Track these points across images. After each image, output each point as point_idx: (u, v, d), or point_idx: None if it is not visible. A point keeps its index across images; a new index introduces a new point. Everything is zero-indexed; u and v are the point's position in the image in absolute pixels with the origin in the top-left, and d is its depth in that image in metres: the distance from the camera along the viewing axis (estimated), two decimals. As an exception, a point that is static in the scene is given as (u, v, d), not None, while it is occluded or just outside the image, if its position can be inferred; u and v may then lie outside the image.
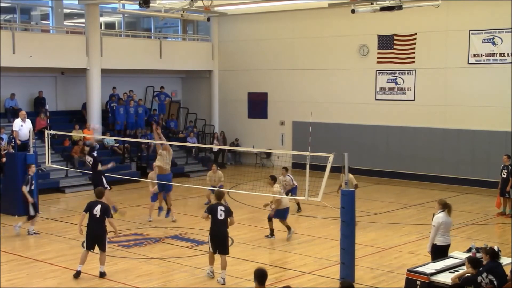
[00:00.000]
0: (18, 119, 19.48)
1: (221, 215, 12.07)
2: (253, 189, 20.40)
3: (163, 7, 20.28)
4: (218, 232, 12.16)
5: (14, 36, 22.86)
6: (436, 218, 11.34)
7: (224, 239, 12.25)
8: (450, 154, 23.62)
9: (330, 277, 12.47)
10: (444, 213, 11.39)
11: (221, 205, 12.26)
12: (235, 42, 29.39)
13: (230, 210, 12.41)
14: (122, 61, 26.17)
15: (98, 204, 12.41)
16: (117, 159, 24.99)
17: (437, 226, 11.26)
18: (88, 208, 12.42)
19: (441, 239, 11.35)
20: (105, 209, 12.43)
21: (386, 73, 25.09)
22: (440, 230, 11.30)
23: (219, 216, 12.07)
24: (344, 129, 25.96)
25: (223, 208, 12.18)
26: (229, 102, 29.70)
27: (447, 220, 11.39)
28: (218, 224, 12.11)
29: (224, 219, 12.12)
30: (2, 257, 13.73)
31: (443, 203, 11.55)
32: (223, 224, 12.15)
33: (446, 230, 11.40)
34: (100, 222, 12.41)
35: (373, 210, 18.75)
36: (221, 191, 12.65)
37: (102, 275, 12.38)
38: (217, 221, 12.09)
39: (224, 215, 12.10)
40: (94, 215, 12.36)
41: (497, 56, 22.53)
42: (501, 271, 9.50)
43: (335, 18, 25.97)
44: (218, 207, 12.17)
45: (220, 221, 12.10)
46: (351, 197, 12.05)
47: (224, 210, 12.14)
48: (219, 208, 12.13)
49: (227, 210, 12.27)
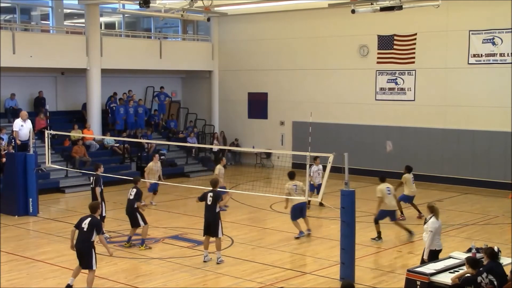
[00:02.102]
0: (18, 119, 19.49)
1: (209, 200, 12.91)
2: (253, 189, 20.42)
3: (163, 7, 20.27)
4: (208, 216, 13.02)
5: (14, 36, 22.87)
6: (432, 223, 11.22)
7: (213, 222, 12.97)
8: (450, 154, 23.62)
9: (330, 277, 12.47)
10: (434, 217, 11.30)
11: (212, 191, 13.05)
12: (235, 42, 29.38)
13: (219, 194, 13.08)
14: (122, 61, 26.17)
15: (87, 218, 11.25)
16: (117, 159, 25.05)
17: (435, 231, 11.15)
18: (78, 223, 11.29)
19: (438, 244, 11.27)
20: (95, 224, 11.17)
21: (386, 73, 25.09)
22: (436, 235, 11.20)
23: (208, 202, 12.94)
24: (344, 129, 25.96)
25: (212, 194, 12.97)
26: (229, 102, 29.70)
27: (440, 224, 11.35)
28: (207, 209, 13.00)
29: (212, 204, 12.90)
30: (2, 257, 13.73)
31: (431, 207, 11.44)
32: (212, 208, 12.95)
33: (439, 234, 11.33)
34: (86, 238, 11.10)
35: (373, 210, 18.69)
36: (216, 179, 13.56)
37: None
38: (206, 206, 13.00)
39: (212, 200, 12.88)
40: (82, 228, 11.14)
41: (497, 56, 22.53)
42: (501, 271, 9.50)
43: (335, 18, 25.97)
44: (208, 193, 13.05)
45: (208, 206, 12.98)
46: (351, 197, 12.05)
47: (212, 196, 12.93)
48: (209, 194, 12.99)
49: (216, 195, 12.98)
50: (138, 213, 14.55)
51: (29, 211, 18.10)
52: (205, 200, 13.08)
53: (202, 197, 13.23)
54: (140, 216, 14.57)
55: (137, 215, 14.54)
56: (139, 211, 14.60)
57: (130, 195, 14.62)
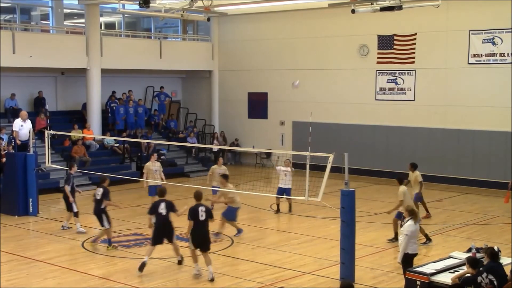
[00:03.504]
0: (18, 119, 19.48)
1: (202, 215, 12.19)
2: (253, 189, 20.40)
3: (163, 7, 20.28)
4: (201, 232, 12.28)
5: (14, 36, 22.87)
6: (408, 227, 11.04)
7: (206, 238, 12.42)
8: (450, 154, 23.62)
9: (330, 277, 12.47)
10: (412, 220, 11.12)
11: (202, 206, 12.36)
12: (235, 42, 29.38)
13: (210, 211, 12.51)
14: (122, 61, 26.17)
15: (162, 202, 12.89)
16: (117, 159, 25.05)
17: (410, 234, 10.98)
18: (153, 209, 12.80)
19: (413, 248, 11.09)
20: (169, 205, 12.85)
21: (386, 73, 25.09)
22: (412, 239, 11.03)
23: (201, 217, 12.19)
24: (344, 129, 25.96)
25: (204, 209, 12.29)
26: (229, 102, 29.69)
27: (417, 228, 11.21)
28: (201, 225, 12.23)
29: (205, 219, 12.25)
30: (2, 257, 13.73)
31: (411, 210, 11.28)
32: (204, 224, 12.29)
33: (416, 238, 11.17)
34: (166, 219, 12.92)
35: (373, 210, 18.75)
36: (199, 192, 12.72)
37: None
38: (199, 222, 12.20)
39: (205, 216, 12.23)
40: (160, 213, 12.82)
41: (497, 56, 22.53)
42: (501, 271, 9.50)
43: (335, 18, 25.97)
44: (199, 208, 12.28)
45: (201, 222, 12.23)
46: (351, 197, 12.05)
47: (205, 211, 12.27)
48: (200, 209, 12.25)
49: (208, 211, 12.38)
50: (104, 214, 14.48)
51: (29, 211, 18.10)
52: (196, 215, 12.18)
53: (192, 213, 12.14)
54: (106, 217, 14.48)
55: (103, 216, 14.46)
56: (106, 212, 14.51)
57: (97, 195, 14.56)
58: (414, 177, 17.20)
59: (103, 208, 14.52)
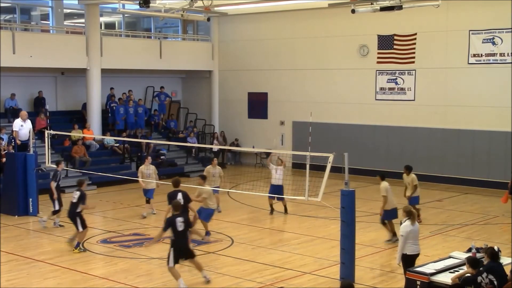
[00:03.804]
0: (18, 119, 19.49)
1: (180, 226, 11.68)
2: (253, 189, 20.41)
3: (163, 7, 20.27)
4: (180, 243, 11.77)
5: (14, 36, 22.86)
6: (403, 227, 10.93)
7: (187, 248, 11.91)
8: (450, 154, 23.62)
9: (330, 277, 12.47)
10: (409, 221, 11.00)
11: (180, 216, 11.84)
12: (235, 42, 29.39)
13: (189, 221, 12.18)
14: (122, 61, 26.16)
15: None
16: (117, 159, 25.04)
17: (406, 235, 10.87)
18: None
19: (412, 248, 10.95)
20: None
21: (386, 73, 25.09)
22: (409, 240, 10.93)
23: (179, 228, 11.66)
24: (344, 129, 25.96)
25: (182, 219, 11.78)
26: (229, 102, 29.69)
27: (414, 228, 10.99)
28: (179, 236, 11.72)
29: (184, 230, 11.76)
30: (2, 257, 13.73)
31: (408, 211, 11.12)
32: (183, 235, 11.78)
33: (415, 239, 11.02)
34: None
35: (373, 210, 18.72)
36: (178, 202, 12.40)
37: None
38: (177, 233, 11.69)
39: (183, 226, 11.73)
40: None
41: (497, 56, 22.53)
42: (501, 271, 9.50)
43: (335, 18, 25.97)
44: (176, 218, 11.75)
45: (180, 233, 11.71)
46: (351, 197, 12.05)
47: (183, 221, 11.78)
48: (178, 220, 11.73)
49: (187, 222, 11.96)
50: (79, 217, 14.36)
51: (29, 211, 18.10)
52: (174, 226, 11.65)
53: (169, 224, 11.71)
54: (80, 221, 14.35)
55: (77, 219, 14.34)
56: (81, 215, 14.40)
57: (74, 198, 14.48)
58: (410, 180, 16.92)
59: (78, 212, 14.39)
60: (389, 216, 15.19)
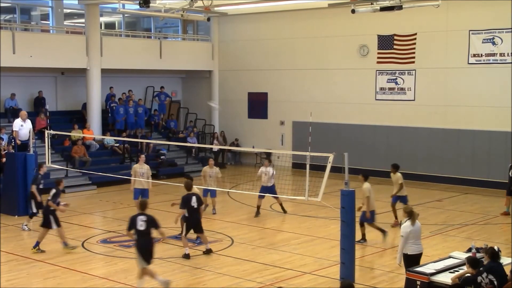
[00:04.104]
0: (18, 119, 19.49)
1: (141, 225, 11.23)
2: (253, 189, 20.38)
3: (163, 7, 20.27)
4: (143, 243, 11.31)
5: (14, 36, 22.87)
6: (403, 228, 10.94)
7: (148, 250, 11.36)
8: (450, 154, 23.62)
9: (330, 277, 12.47)
10: (409, 221, 10.98)
11: (142, 215, 11.34)
12: (235, 42, 29.38)
13: (154, 220, 11.42)
14: (122, 61, 26.17)
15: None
16: (117, 159, 25.05)
17: (406, 236, 10.88)
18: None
19: (413, 248, 10.94)
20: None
21: (386, 73, 25.09)
22: (410, 240, 10.93)
23: (139, 227, 11.24)
24: (344, 129, 25.96)
25: (144, 218, 11.27)
26: (229, 102, 29.69)
27: (415, 228, 10.97)
28: (141, 235, 11.29)
29: (146, 229, 11.25)
30: (2, 257, 13.73)
31: (409, 211, 11.09)
32: (145, 234, 11.27)
33: (417, 238, 11.01)
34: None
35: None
36: (145, 201, 11.84)
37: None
38: (139, 232, 11.29)
39: (145, 225, 11.23)
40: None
41: (497, 56, 22.53)
42: (501, 271, 9.50)
43: (335, 18, 25.97)
44: (138, 217, 11.31)
45: (141, 232, 11.27)
46: (351, 197, 12.05)
47: (145, 220, 11.26)
48: (139, 218, 11.27)
49: (150, 220, 11.34)
50: (51, 215, 14.27)
51: (29, 211, 18.06)
52: (135, 225, 11.28)
53: (131, 223, 11.39)
54: (54, 219, 14.26)
55: (50, 217, 14.24)
56: (54, 213, 14.29)
57: (49, 195, 14.41)
58: (396, 179, 16.90)
59: (52, 210, 14.32)
60: (366, 218, 15.06)
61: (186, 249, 13.87)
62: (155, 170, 25.00)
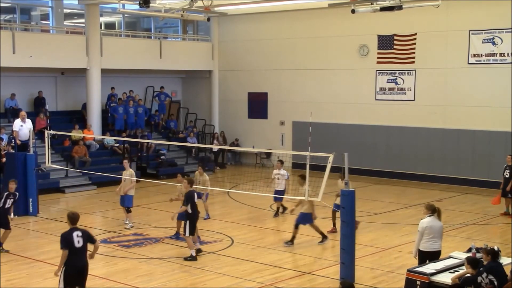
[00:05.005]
0: (18, 119, 19.51)
1: (78, 242, 9.76)
2: (253, 189, 20.40)
3: (163, 7, 20.27)
4: (77, 262, 9.79)
5: (14, 36, 22.86)
6: (420, 223, 11.03)
7: (84, 270, 9.93)
8: (450, 154, 23.62)
9: (330, 277, 12.47)
10: (432, 217, 11.01)
11: (77, 230, 9.88)
12: (235, 42, 29.39)
13: (89, 234, 10.09)
14: (122, 61, 26.17)
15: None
16: (117, 159, 25.04)
17: (422, 231, 10.93)
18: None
19: (426, 245, 10.96)
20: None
21: (386, 73, 25.09)
22: (426, 236, 10.94)
23: (77, 244, 9.75)
24: (344, 129, 25.96)
25: (79, 233, 9.82)
26: (229, 102, 29.70)
27: (433, 225, 10.96)
28: (77, 253, 9.76)
29: (83, 246, 9.84)
30: (2, 257, 13.73)
31: (431, 208, 11.13)
32: (82, 252, 9.84)
33: (433, 236, 10.97)
34: None
35: (373, 210, 18.74)
36: (75, 214, 10.02)
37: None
38: (75, 250, 9.75)
39: (82, 241, 9.80)
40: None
41: (497, 56, 22.53)
42: (501, 271, 9.50)
43: (335, 18, 25.97)
44: (73, 233, 9.80)
45: (78, 249, 9.77)
46: (351, 197, 12.05)
47: (81, 236, 9.82)
48: (75, 234, 9.79)
49: (86, 235, 9.93)
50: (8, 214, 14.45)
51: (29, 211, 18.09)
52: (71, 243, 9.75)
53: (65, 240, 9.81)
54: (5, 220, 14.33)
55: (7, 217, 14.43)
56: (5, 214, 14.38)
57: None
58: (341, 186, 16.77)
59: (7, 208, 14.43)
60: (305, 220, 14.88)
61: (192, 251, 13.54)
62: (155, 170, 25.06)
